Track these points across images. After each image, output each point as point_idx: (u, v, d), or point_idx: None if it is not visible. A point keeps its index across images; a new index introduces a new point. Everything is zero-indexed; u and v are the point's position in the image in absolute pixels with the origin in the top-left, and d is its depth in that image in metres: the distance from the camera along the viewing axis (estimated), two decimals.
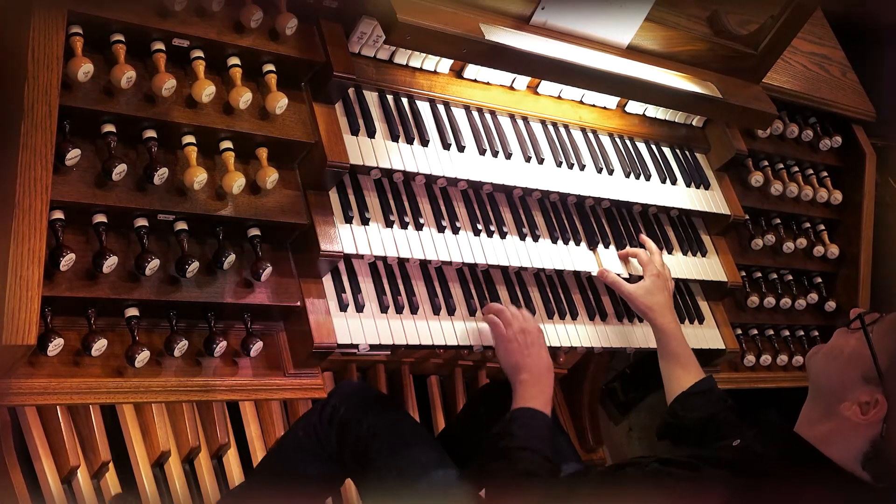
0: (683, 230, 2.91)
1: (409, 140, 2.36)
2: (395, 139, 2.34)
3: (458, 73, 2.52)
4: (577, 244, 2.62)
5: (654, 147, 2.90)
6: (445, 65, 2.48)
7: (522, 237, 2.52)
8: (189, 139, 2.07)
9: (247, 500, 2.57)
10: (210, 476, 2.78)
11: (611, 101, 2.80)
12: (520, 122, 2.61)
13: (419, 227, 2.36)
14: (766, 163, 3.23)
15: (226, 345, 2.10)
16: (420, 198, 2.42)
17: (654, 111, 2.89)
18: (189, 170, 2.03)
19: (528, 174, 2.53)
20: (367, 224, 2.28)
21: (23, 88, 1.79)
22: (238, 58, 2.13)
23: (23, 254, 1.75)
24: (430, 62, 2.45)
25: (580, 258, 2.61)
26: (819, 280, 3.39)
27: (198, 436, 2.75)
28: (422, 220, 2.36)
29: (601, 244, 2.67)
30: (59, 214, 1.92)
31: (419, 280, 2.40)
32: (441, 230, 2.39)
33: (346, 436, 2.38)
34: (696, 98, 2.68)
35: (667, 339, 2.52)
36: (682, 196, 2.86)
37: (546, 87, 2.65)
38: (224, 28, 2.09)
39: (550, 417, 2.18)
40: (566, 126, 2.71)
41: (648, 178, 2.79)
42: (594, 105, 2.77)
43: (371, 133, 2.31)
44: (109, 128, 1.98)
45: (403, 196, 2.38)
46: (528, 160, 2.55)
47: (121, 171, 1.94)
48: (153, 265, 1.98)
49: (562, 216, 2.64)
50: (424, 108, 2.45)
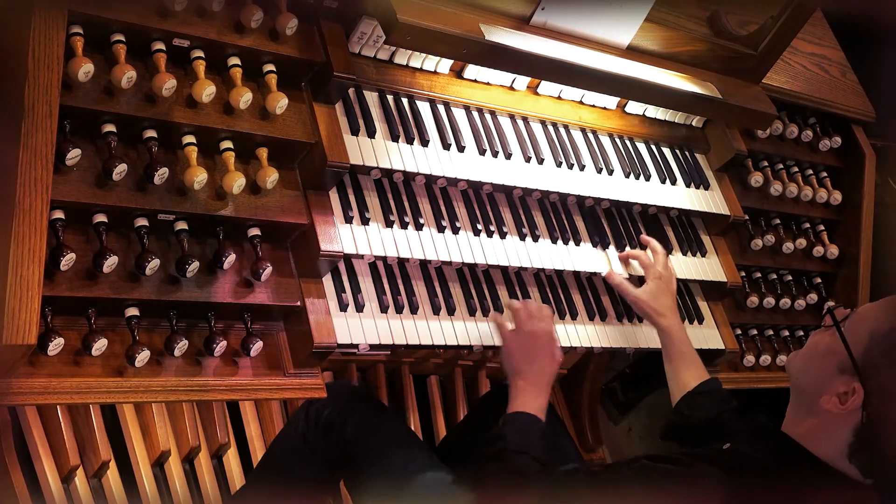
0: (683, 230, 2.91)
1: (410, 140, 2.36)
2: (396, 139, 2.34)
3: (458, 74, 2.52)
4: (577, 244, 2.62)
5: (654, 147, 2.90)
6: (445, 65, 2.48)
7: (522, 237, 2.52)
8: (189, 139, 2.08)
9: None
10: (210, 476, 2.78)
11: (611, 102, 2.80)
12: (520, 123, 2.62)
13: (419, 227, 2.36)
14: (766, 163, 3.23)
15: (226, 344, 2.10)
16: (420, 198, 2.42)
17: (654, 111, 2.89)
18: (189, 170, 2.03)
19: (528, 174, 2.53)
20: (367, 224, 2.28)
21: (23, 88, 1.79)
22: (238, 58, 2.13)
23: (23, 253, 1.75)
24: (431, 62, 2.45)
25: (580, 258, 2.61)
26: (819, 280, 3.39)
27: (198, 435, 2.75)
28: (422, 220, 2.37)
29: (601, 245, 2.67)
30: (60, 214, 1.92)
31: (419, 280, 2.40)
32: (441, 230, 2.39)
33: (331, 438, 2.38)
34: (696, 98, 2.69)
35: (671, 341, 2.53)
36: (682, 196, 2.87)
37: (546, 88, 2.66)
38: (224, 28, 2.10)
39: (545, 422, 2.18)
40: (566, 126, 2.71)
41: (648, 179, 2.80)
42: (594, 105, 2.77)
43: (371, 133, 2.31)
44: (110, 128, 1.98)
45: (403, 196, 2.38)
46: (528, 160, 2.55)
47: (121, 171, 1.95)
48: (153, 265, 1.98)
49: (561, 216, 2.64)
50: (424, 109, 2.45)
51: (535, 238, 2.54)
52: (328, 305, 2.20)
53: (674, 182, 2.86)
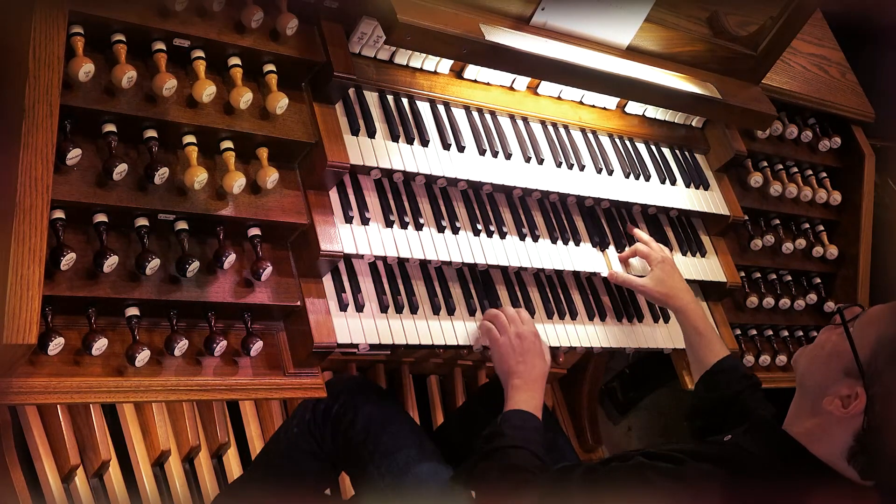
0: (683, 231, 2.91)
1: (410, 140, 2.37)
2: (396, 139, 2.35)
3: (459, 74, 2.53)
4: (577, 244, 2.62)
5: (654, 147, 2.90)
6: (446, 65, 2.48)
7: (522, 237, 2.52)
8: (190, 139, 2.08)
9: (243, 496, 2.57)
10: (210, 475, 2.79)
11: (610, 102, 2.80)
12: (520, 123, 2.62)
13: (419, 227, 2.36)
14: (766, 163, 3.23)
15: (226, 344, 2.10)
16: (420, 198, 2.42)
17: (654, 112, 2.90)
18: (190, 169, 2.03)
19: (528, 174, 2.53)
20: (367, 224, 2.28)
21: (24, 88, 1.79)
22: (239, 58, 2.13)
23: (23, 253, 1.75)
24: (431, 62, 2.45)
25: (580, 258, 2.61)
26: (818, 281, 3.39)
27: (198, 435, 2.75)
28: (422, 220, 2.37)
29: (601, 245, 2.67)
30: (60, 214, 1.92)
31: (419, 280, 2.40)
32: (441, 230, 2.40)
33: (339, 432, 2.39)
34: (696, 99, 2.69)
35: (687, 319, 2.54)
36: (682, 196, 2.87)
37: (546, 88, 2.66)
38: (225, 28, 2.10)
39: (541, 420, 2.18)
40: (566, 126, 2.72)
41: (648, 179, 2.80)
42: (594, 106, 2.78)
43: (371, 133, 2.31)
44: (110, 127, 1.98)
45: (403, 196, 2.38)
46: (528, 160, 2.55)
47: (121, 171, 1.95)
48: (154, 265, 1.98)
49: (561, 216, 2.64)
50: (424, 109, 2.45)
51: (535, 238, 2.54)
52: (328, 305, 2.21)
53: (673, 182, 2.86)
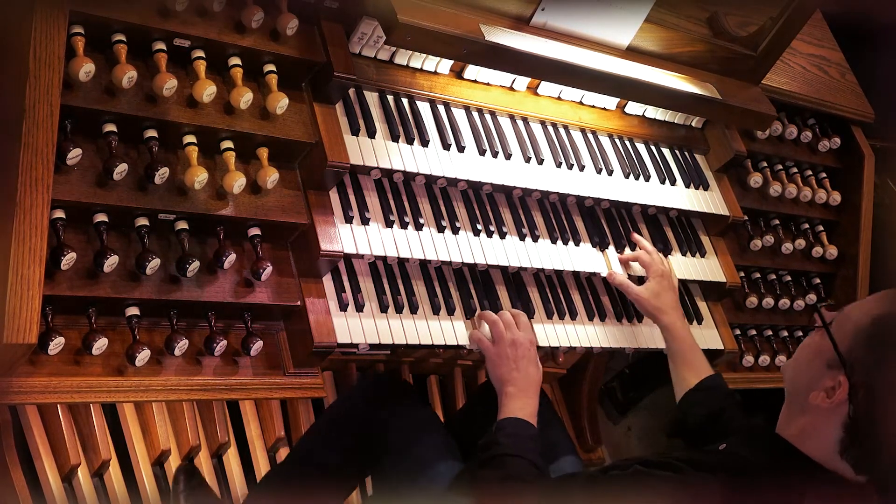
0: (682, 231, 2.91)
1: (410, 140, 2.37)
2: (396, 139, 2.35)
3: (459, 74, 2.53)
4: (577, 244, 2.62)
5: (654, 148, 2.90)
6: (446, 65, 2.48)
7: (522, 237, 2.52)
8: (190, 139, 2.08)
9: (272, 495, 2.59)
10: (210, 475, 2.78)
11: (610, 102, 2.80)
12: (520, 123, 2.62)
13: (419, 228, 2.36)
14: (765, 164, 3.24)
15: (226, 344, 2.10)
16: (420, 198, 2.42)
17: (654, 112, 2.90)
18: (190, 169, 2.04)
19: (528, 175, 2.54)
20: (367, 224, 2.28)
21: (24, 88, 1.79)
22: (239, 58, 2.14)
23: (24, 253, 1.75)
24: (431, 63, 2.46)
25: (579, 258, 2.61)
26: (818, 281, 3.39)
27: (198, 435, 2.75)
28: (422, 221, 2.37)
29: (600, 245, 2.67)
30: (60, 214, 1.92)
31: (419, 280, 2.41)
32: (441, 230, 2.40)
33: (363, 432, 2.41)
34: (696, 99, 2.69)
35: (673, 338, 2.55)
36: (682, 197, 2.87)
37: (546, 88, 2.66)
38: (225, 28, 2.10)
39: (536, 427, 2.19)
40: (566, 127, 2.72)
41: (648, 179, 2.80)
42: (594, 106, 2.78)
43: (371, 133, 2.31)
44: (111, 127, 1.98)
45: (403, 196, 2.39)
46: (528, 161, 2.55)
47: (122, 171, 1.95)
48: (154, 264, 1.99)
49: (561, 216, 2.65)
50: (424, 109, 2.45)
51: (535, 238, 2.55)
52: (328, 305, 2.21)
53: (673, 182, 2.86)
